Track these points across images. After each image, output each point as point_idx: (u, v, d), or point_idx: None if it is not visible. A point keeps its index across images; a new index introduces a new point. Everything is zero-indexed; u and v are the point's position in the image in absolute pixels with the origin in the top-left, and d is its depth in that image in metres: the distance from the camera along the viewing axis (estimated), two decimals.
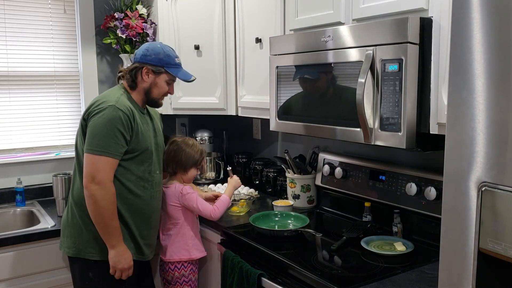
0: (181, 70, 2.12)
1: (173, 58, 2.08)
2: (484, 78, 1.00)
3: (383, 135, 1.69)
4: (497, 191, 0.99)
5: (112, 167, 1.92)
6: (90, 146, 1.89)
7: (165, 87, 2.09)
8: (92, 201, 1.89)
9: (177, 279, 2.25)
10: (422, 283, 1.59)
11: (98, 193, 1.88)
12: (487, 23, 0.99)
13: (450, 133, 1.08)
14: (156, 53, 2.05)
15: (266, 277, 1.83)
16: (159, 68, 2.05)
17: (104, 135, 1.89)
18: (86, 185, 1.89)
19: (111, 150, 1.89)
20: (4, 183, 2.74)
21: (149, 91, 2.07)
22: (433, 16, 1.58)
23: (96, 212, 1.90)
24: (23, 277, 2.26)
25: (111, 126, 1.89)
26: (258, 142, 3.16)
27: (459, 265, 1.08)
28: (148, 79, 2.05)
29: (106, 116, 1.90)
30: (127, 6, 2.81)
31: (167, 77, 2.08)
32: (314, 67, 1.96)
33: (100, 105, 1.93)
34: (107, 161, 1.90)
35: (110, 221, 1.92)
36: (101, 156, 1.88)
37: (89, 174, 1.89)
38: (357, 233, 2.01)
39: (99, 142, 1.88)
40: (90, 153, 1.89)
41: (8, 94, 2.78)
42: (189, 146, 2.29)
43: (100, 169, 1.89)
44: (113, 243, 1.94)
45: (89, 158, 1.90)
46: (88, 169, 1.90)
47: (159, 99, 2.12)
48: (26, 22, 2.78)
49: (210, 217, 2.22)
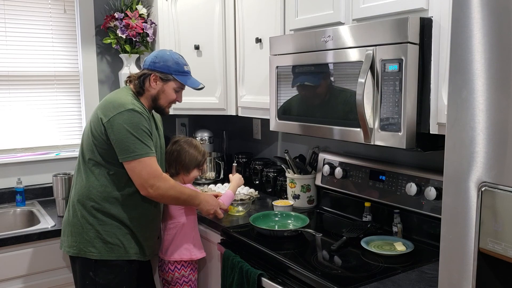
0: (190, 78, 2.14)
1: (182, 66, 2.09)
2: (484, 78, 1.00)
3: (383, 135, 1.69)
4: (497, 191, 0.99)
5: (154, 163, 1.97)
6: (128, 154, 1.91)
7: (172, 94, 2.10)
8: (162, 199, 2.03)
9: (176, 280, 2.25)
10: (422, 283, 1.59)
11: (160, 191, 1.97)
12: (487, 23, 0.99)
13: (450, 133, 1.08)
14: (164, 60, 2.06)
15: (266, 277, 1.83)
16: (167, 75, 2.06)
17: (136, 139, 1.91)
18: (147, 193, 1.96)
19: (147, 150, 1.93)
20: (4, 183, 2.74)
21: (156, 98, 2.08)
22: (433, 16, 1.58)
23: (170, 201, 2.11)
24: (23, 277, 2.27)
25: (137, 128, 1.91)
26: (258, 142, 3.16)
27: (459, 265, 1.08)
28: (156, 86, 2.06)
29: (130, 120, 1.91)
30: (127, 6, 2.81)
31: (175, 84, 2.09)
32: (314, 67, 1.96)
33: (119, 110, 1.92)
34: (149, 160, 1.94)
35: (183, 195, 2.08)
36: (142, 158, 1.91)
37: (142, 182, 1.94)
38: (357, 233, 2.01)
39: (135, 147, 1.91)
40: (130, 160, 1.92)
41: (8, 94, 2.78)
42: (192, 147, 2.29)
43: (148, 171, 1.93)
44: (197, 202, 2.14)
45: (133, 166, 1.92)
46: (137, 179, 1.94)
47: (166, 106, 2.13)
48: (26, 22, 2.78)
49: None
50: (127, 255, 2.02)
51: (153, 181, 1.94)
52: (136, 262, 2.07)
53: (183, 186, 2.16)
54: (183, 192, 2.08)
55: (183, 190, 2.09)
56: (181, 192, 2.07)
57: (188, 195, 2.10)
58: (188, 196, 2.10)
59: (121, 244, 2.00)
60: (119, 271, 2.02)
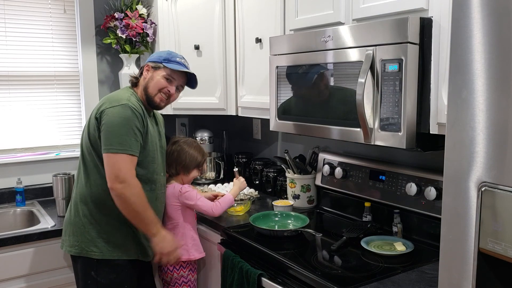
0: (180, 66, 2.10)
1: (175, 57, 2.11)
2: (484, 78, 1.00)
3: (383, 135, 1.69)
4: (497, 191, 0.99)
5: (133, 164, 1.93)
6: (109, 146, 1.90)
7: (161, 81, 2.06)
8: (122, 200, 1.90)
9: (176, 280, 2.25)
10: (422, 283, 1.59)
11: (126, 191, 1.89)
12: (487, 23, 0.99)
13: (450, 133, 1.08)
14: (159, 53, 2.13)
15: (266, 277, 1.83)
16: (158, 64, 2.08)
17: (122, 134, 1.89)
18: (111, 186, 1.90)
19: (130, 147, 1.90)
20: (4, 183, 2.74)
21: (146, 87, 2.07)
22: (433, 16, 1.58)
23: (129, 209, 1.92)
24: (23, 277, 2.27)
25: (127, 124, 1.90)
26: (258, 142, 3.16)
27: (459, 265, 1.08)
28: (147, 75, 2.09)
29: (121, 115, 1.91)
30: (127, 6, 2.81)
31: (164, 71, 2.07)
32: (314, 67, 1.96)
33: (112, 104, 1.94)
34: (128, 159, 1.90)
35: (144, 213, 1.94)
36: (121, 154, 1.89)
37: (112, 174, 1.89)
38: (357, 233, 2.01)
39: (118, 140, 1.89)
40: (109, 152, 1.90)
41: (8, 94, 2.78)
42: (192, 148, 2.30)
43: (122, 167, 1.89)
44: (153, 232, 1.97)
45: (110, 158, 1.90)
46: (110, 170, 1.90)
47: (155, 95, 2.06)
48: (26, 22, 2.78)
49: (211, 213, 2.22)
50: (128, 255, 2.02)
51: (119, 181, 1.88)
52: (137, 262, 2.07)
53: (149, 208, 1.95)
54: (146, 209, 1.94)
55: (147, 209, 1.94)
56: (144, 207, 1.93)
57: (149, 217, 1.95)
58: (148, 218, 1.95)
59: (123, 243, 2.01)
60: (120, 271, 2.02)
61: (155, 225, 1.98)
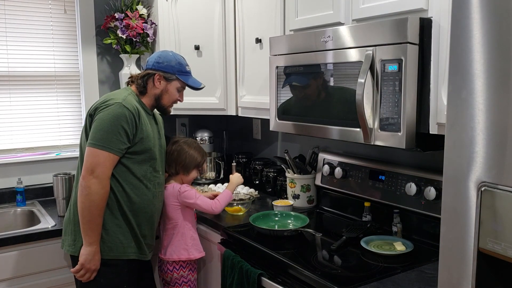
0: (192, 77, 2.19)
1: (184, 66, 2.15)
2: (484, 78, 1.00)
3: (383, 135, 1.69)
4: (497, 191, 0.99)
5: (112, 163, 1.93)
6: (93, 140, 1.91)
7: (175, 94, 2.14)
8: (86, 192, 1.89)
9: (176, 280, 2.25)
10: (422, 283, 1.59)
11: (94, 186, 1.89)
12: (487, 23, 0.99)
13: (449, 133, 1.08)
14: (168, 61, 2.11)
15: (266, 277, 1.83)
16: (171, 75, 2.10)
17: (108, 131, 1.90)
18: (84, 176, 1.90)
19: (112, 146, 1.91)
20: (5, 183, 2.74)
21: (159, 98, 2.11)
22: (433, 16, 1.58)
23: (86, 204, 1.89)
24: (23, 277, 2.27)
25: (116, 123, 1.91)
26: (258, 142, 3.16)
27: (459, 265, 1.08)
28: (160, 86, 2.10)
29: (112, 112, 1.92)
30: (127, 7, 2.81)
31: (178, 84, 2.13)
32: (314, 67, 1.96)
33: (107, 102, 1.96)
34: (108, 157, 1.91)
35: (96, 217, 1.92)
36: (102, 150, 1.90)
37: (89, 167, 1.90)
38: (357, 233, 2.02)
39: (102, 137, 1.90)
40: (92, 147, 1.91)
41: (8, 94, 2.78)
42: (192, 148, 2.30)
43: (101, 163, 1.90)
44: (92, 240, 1.93)
45: (91, 152, 1.91)
46: (88, 162, 1.91)
47: (168, 106, 2.16)
48: (26, 22, 2.78)
49: (211, 211, 2.23)
50: (126, 254, 2.02)
51: (93, 175, 1.88)
52: (136, 262, 2.07)
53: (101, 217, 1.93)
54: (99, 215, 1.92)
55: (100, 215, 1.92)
56: (99, 211, 1.91)
57: (98, 223, 1.92)
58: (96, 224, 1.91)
59: (120, 243, 2.00)
60: (119, 271, 2.02)
61: (97, 235, 1.93)
